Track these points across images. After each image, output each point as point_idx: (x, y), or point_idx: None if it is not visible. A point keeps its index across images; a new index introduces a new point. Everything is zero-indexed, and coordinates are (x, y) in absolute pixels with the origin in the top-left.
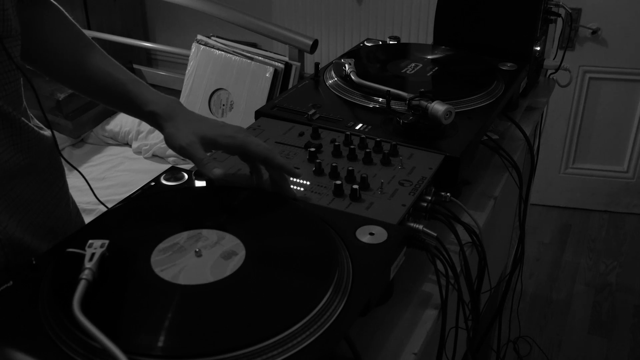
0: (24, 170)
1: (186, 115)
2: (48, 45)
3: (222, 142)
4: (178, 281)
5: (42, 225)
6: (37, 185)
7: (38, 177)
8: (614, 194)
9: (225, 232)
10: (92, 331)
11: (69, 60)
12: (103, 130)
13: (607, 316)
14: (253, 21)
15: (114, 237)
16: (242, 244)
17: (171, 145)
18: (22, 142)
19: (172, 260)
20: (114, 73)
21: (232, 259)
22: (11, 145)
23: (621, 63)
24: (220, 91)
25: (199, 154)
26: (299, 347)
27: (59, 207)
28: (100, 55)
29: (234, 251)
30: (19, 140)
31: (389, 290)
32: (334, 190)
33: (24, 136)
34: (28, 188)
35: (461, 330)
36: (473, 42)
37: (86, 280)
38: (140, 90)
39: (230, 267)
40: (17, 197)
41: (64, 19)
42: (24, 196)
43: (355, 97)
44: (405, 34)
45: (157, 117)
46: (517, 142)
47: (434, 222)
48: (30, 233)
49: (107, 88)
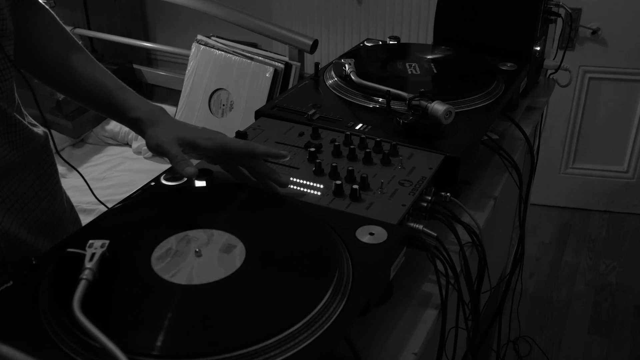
0: (18, 166)
1: (168, 120)
2: (38, 47)
3: (201, 144)
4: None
5: (37, 220)
6: (31, 182)
7: (32, 173)
8: (614, 194)
9: (212, 230)
10: (92, 331)
11: (57, 63)
12: (103, 130)
13: (607, 316)
14: (253, 21)
15: (115, 237)
16: (233, 236)
17: (150, 145)
18: (17, 139)
19: (175, 264)
20: (101, 79)
21: (233, 251)
22: (6, 142)
23: (621, 63)
24: (220, 91)
25: (173, 150)
26: (299, 347)
27: (54, 202)
28: (88, 61)
29: (231, 244)
30: (13, 138)
31: (389, 290)
32: (334, 190)
33: (19, 133)
34: (23, 185)
35: (461, 330)
36: (473, 42)
37: (86, 280)
38: (125, 96)
39: (238, 258)
40: (12, 194)
41: (54, 23)
42: (19, 193)
43: (355, 97)
44: (405, 34)
45: (141, 122)
46: (517, 142)
47: (434, 222)
48: (26, 229)
49: (93, 93)
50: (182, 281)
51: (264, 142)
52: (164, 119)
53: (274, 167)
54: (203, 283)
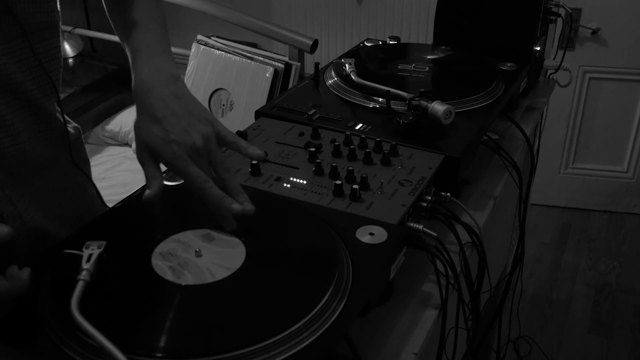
0: (51, 162)
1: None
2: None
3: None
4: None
5: (68, 215)
6: (62, 177)
7: (64, 169)
8: (614, 194)
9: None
10: (90, 331)
11: None
12: (103, 130)
13: (607, 316)
14: (253, 21)
15: (115, 237)
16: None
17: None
18: (51, 137)
19: (175, 265)
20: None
21: (233, 251)
22: (41, 140)
23: (621, 63)
24: (220, 91)
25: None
26: (299, 346)
27: (84, 196)
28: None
29: (231, 244)
30: (48, 135)
31: (389, 290)
32: (334, 190)
33: (54, 131)
34: (54, 180)
35: (461, 330)
36: (473, 42)
37: (84, 281)
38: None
39: (238, 258)
40: (43, 189)
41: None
42: (50, 188)
43: (355, 97)
44: (405, 34)
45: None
46: (517, 142)
47: (434, 222)
48: (57, 223)
49: (127, 35)
50: (182, 281)
51: (264, 142)
52: (148, 102)
53: (276, 167)
54: (203, 283)
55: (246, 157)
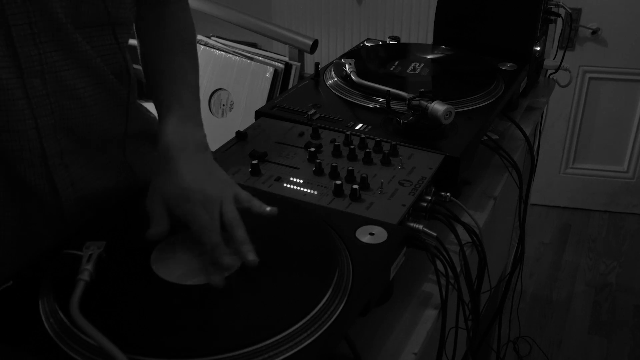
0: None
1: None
2: None
3: None
4: (192, 282)
5: (112, 188)
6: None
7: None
8: (614, 194)
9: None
10: (90, 331)
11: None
12: None
13: (607, 316)
14: (253, 21)
15: (115, 237)
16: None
17: None
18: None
19: (175, 265)
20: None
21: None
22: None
23: (621, 63)
24: (220, 91)
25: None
26: (299, 347)
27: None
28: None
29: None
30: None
31: (389, 290)
32: (334, 190)
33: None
34: (108, 160)
35: (461, 330)
36: (473, 42)
37: (84, 281)
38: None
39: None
40: (98, 165)
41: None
42: (102, 165)
43: (355, 97)
44: (405, 34)
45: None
46: (517, 142)
47: (434, 222)
48: (103, 197)
49: (156, 90)
50: (181, 281)
51: (264, 142)
52: (173, 169)
53: (276, 167)
54: (203, 283)
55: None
